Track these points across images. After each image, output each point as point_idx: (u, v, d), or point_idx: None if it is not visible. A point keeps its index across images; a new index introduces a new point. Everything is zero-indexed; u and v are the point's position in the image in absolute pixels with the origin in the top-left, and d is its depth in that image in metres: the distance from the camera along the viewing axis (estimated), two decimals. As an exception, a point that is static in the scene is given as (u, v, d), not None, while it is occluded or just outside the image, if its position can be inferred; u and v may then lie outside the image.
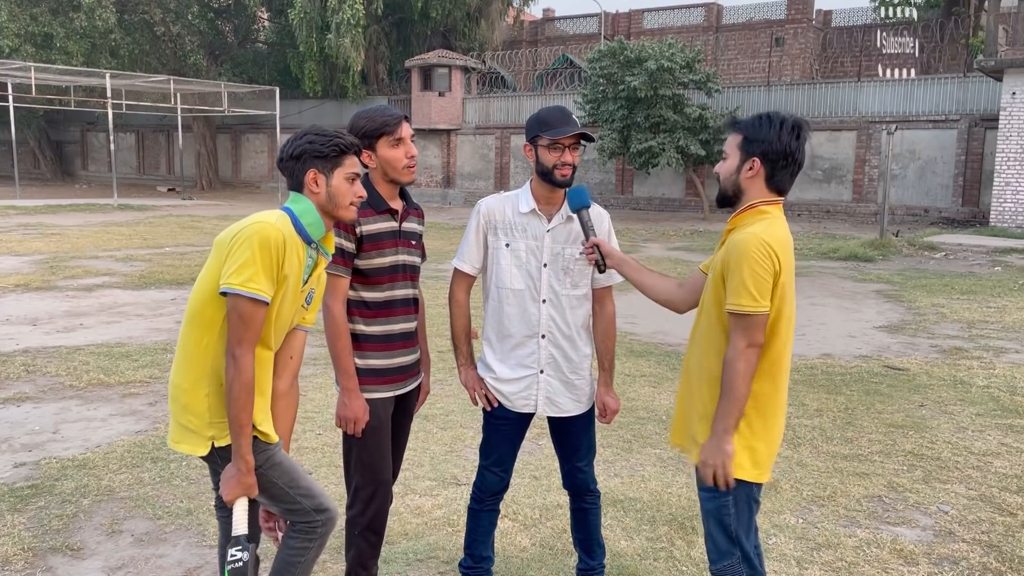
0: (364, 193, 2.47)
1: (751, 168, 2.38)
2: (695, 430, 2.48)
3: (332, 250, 2.50)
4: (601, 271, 2.76)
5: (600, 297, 2.97)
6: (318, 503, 2.45)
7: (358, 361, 2.75)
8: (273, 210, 2.36)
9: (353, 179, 2.42)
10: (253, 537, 2.38)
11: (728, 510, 2.42)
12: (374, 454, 2.77)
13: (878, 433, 5.06)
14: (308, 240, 2.36)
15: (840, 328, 8.42)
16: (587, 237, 2.74)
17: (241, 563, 2.23)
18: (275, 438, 2.39)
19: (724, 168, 2.46)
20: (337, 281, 2.68)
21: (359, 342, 2.76)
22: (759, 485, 2.46)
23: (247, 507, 2.30)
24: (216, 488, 2.39)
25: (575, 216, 2.82)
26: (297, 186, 2.40)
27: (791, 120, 2.36)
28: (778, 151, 2.36)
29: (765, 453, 2.40)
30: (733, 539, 2.43)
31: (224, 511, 2.41)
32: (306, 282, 2.41)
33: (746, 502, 2.43)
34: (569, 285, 2.85)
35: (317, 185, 2.37)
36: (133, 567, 3.33)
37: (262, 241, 2.19)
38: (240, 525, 2.27)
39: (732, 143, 2.44)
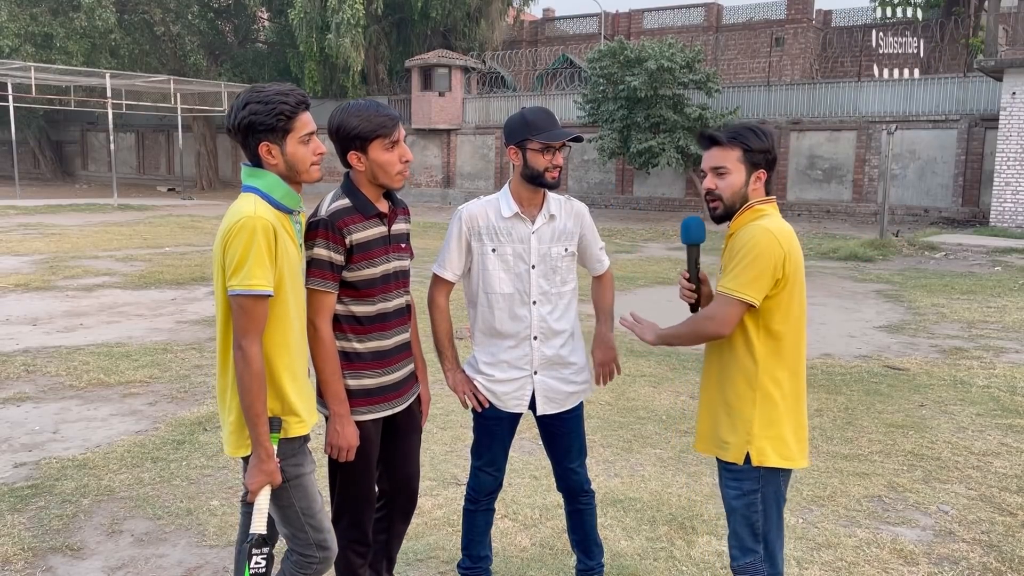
0: (324, 149, 2.35)
1: (758, 179, 2.46)
2: (723, 427, 2.48)
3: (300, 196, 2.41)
4: (693, 311, 2.65)
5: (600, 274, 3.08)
6: (322, 539, 2.42)
7: (350, 381, 2.57)
8: (244, 197, 2.28)
9: (308, 139, 2.31)
10: (271, 538, 2.38)
11: (756, 507, 2.43)
12: (362, 474, 2.66)
13: (878, 433, 5.06)
14: (288, 211, 2.33)
15: (840, 328, 8.42)
16: (690, 272, 2.62)
17: (263, 569, 2.25)
18: (309, 424, 2.39)
19: (729, 184, 2.45)
20: (324, 298, 2.49)
21: (351, 361, 2.58)
22: (786, 478, 2.49)
23: (267, 507, 2.30)
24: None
25: (556, 215, 2.83)
26: (254, 158, 2.30)
27: (766, 127, 2.51)
28: (773, 158, 2.48)
29: (792, 440, 2.42)
30: (759, 537, 2.44)
31: (248, 507, 2.39)
32: (302, 246, 2.43)
33: (774, 498, 2.45)
34: (559, 282, 2.86)
35: (273, 156, 2.28)
36: (133, 567, 3.33)
37: (248, 235, 2.18)
38: (259, 524, 2.27)
39: (731, 157, 2.44)
